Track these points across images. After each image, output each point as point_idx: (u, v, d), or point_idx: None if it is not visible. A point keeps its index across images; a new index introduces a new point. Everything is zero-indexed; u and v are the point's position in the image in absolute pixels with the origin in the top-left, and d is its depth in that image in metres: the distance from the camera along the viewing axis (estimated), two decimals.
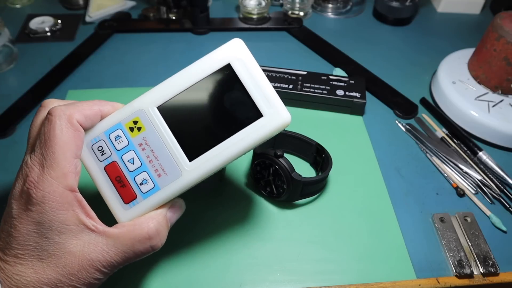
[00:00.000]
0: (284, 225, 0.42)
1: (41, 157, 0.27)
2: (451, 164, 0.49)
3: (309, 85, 0.54)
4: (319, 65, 0.63)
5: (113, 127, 0.30)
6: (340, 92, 0.53)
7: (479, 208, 0.45)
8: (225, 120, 0.30)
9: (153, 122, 0.30)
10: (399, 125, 0.54)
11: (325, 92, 0.53)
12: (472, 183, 0.47)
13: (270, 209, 0.44)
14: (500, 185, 0.46)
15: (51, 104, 0.30)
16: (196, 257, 0.39)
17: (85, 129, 0.30)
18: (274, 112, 0.30)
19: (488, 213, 0.44)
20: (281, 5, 0.75)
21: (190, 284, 0.38)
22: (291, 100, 0.54)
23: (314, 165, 0.48)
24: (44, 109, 0.30)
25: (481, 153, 0.49)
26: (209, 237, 0.41)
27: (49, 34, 0.66)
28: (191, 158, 0.30)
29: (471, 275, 0.39)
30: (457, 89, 0.54)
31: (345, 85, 0.54)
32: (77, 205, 0.27)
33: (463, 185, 0.47)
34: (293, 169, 0.40)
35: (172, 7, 0.68)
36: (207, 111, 0.30)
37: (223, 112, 0.30)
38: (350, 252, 0.40)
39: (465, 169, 0.48)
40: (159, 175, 0.30)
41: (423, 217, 0.44)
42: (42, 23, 0.67)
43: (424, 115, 0.56)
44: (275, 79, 0.55)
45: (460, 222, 0.43)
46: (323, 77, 0.55)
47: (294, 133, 0.47)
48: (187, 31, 0.68)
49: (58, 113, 0.28)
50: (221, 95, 0.30)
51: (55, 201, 0.26)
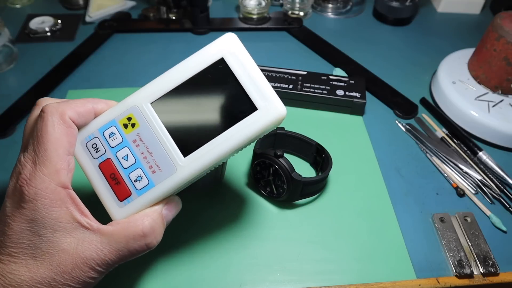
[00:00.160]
0: (284, 225, 0.42)
1: (33, 154, 0.27)
2: (451, 164, 0.49)
3: (309, 85, 0.54)
4: (319, 65, 0.63)
5: (107, 124, 0.30)
6: (340, 92, 0.53)
7: (479, 208, 0.45)
8: (219, 114, 0.30)
9: (147, 118, 0.30)
10: (399, 125, 0.54)
11: (325, 92, 0.53)
12: (472, 183, 0.47)
13: (270, 209, 0.44)
14: (500, 185, 0.46)
15: (45, 102, 0.30)
16: (196, 257, 0.39)
17: (78, 126, 0.29)
18: (269, 105, 0.29)
19: (488, 213, 0.44)
20: (281, 5, 0.75)
21: (190, 284, 0.38)
22: (291, 100, 0.54)
23: (314, 165, 0.48)
24: (38, 108, 0.30)
25: (481, 153, 0.49)
26: (209, 237, 0.41)
27: (49, 34, 0.66)
28: (185, 153, 0.29)
29: (471, 275, 0.39)
30: (457, 89, 0.54)
31: (345, 85, 0.54)
32: (70, 202, 0.27)
33: (463, 185, 0.47)
34: (293, 169, 0.40)
35: (172, 7, 0.68)
36: (201, 106, 0.30)
37: (217, 106, 0.30)
38: (350, 252, 0.40)
39: (465, 169, 0.48)
40: (153, 172, 0.29)
41: (423, 217, 0.44)
42: (42, 23, 0.67)
43: (424, 115, 0.56)
44: (275, 79, 0.55)
45: (460, 222, 0.43)
46: (323, 77, 0.55)
47: (294, 133, 0.47)
48: (187, 31, 0.68)
49: (50, 110, 0.27)
50: (215, 90, 0.30)
51: (47, 198, 0.26)
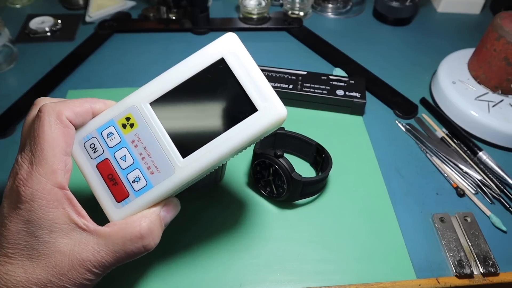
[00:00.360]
0: (284, 225, 0.42)
1: (30, 154, 0.27)
2: (451, 164, 0.49)
3: (309, 85, 0.54)
4: (319, 65, 0.63)
5: (105, 124, 0.30)
6: (340, 92, 0.53)
7: (479, 208, 0.45)
8: (219, 115, 0.29)
9: (145, 118, 0.29)
10: (399, 125, 0.54)
11: (325, 92, 0.53)
12: (472, 183, 0.47)
13: (270, 209, 0.44)
14: (500, 185, 0.46)
15: (43, 102, 0.29)
16: (195, 257, 0.39)
17: (76, 126, 0.29)
18: (269, 106, 0.29)
19: (488, 213, 0.44)
20: (281, 5, 0.75)
21: (190, 284, 0.37)
22: (291, 100, 0.54)
23: (314, 165, 0.48)
24: (35, 107, 0.30)
25: (481, 153, 0.49)
26: (209, 237, 0.41)
27: (49, 34, 0.66)
28: (184, 154, 0.29)
29: (471, 275, 0.39)
30: (457, 89, 0.54)
31: (345, 85, 0.54)
32: (67, 203, 0.27)
33: (463, 185, 0.47)
34: (293, 169, 0.40)
35: (172, 7, 0.68)
36: (201, 106, 0.30)
37: (216, 107, 0.30)
38: (350, 252, 0.40)
39: (465, 169, 0.48)
40: (151, 173, 0.29)
41: (423, 217, 0.44)
42: (42, 23, 0.67)
43: (424, 115, 0.56)
44: (275, 79, 0.55)
45: (460, 222, 0.43)
46: (323, 77, 0.55)
47: (294, 133, 0.47)
48: (187, 31, 0.68)
49: (47, 109, 0.27)
50: (214, 90, 0.30)
51: (43, 198, 0.26)
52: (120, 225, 0.28)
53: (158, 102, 0.30)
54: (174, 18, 0.70)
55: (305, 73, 0.56)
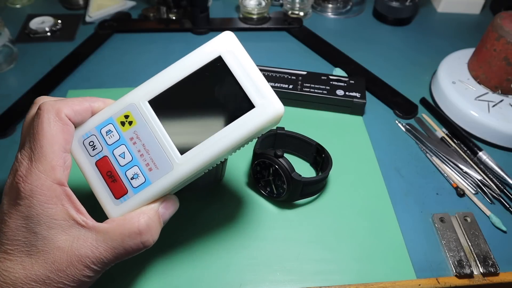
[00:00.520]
0: (284, 225, 0.42)
1: (29, 151, 0.27)
2: (451, 164, 0.49)
3: (309, 85, 0.54)
4: (319, 65, 0.63)
5: (104, 122, 0.30)
6: (340, 92, 0.53)
7: (479, 208, 0.45)
8: (217, 112, 0.30)
9: (144, 116, 0.30)
10: (399, 125, 0.54)
11: (325, 92, 0.53)
12: (472, 183, 0.47)
13: (270, 209, 0.44)
14: (500, 185, 0.46)
15: (42, 100, 0.30)
16: (195, 257, 0.39)
17: (75, 124, 0.29)
18: (266, 103, 0.29)
19: (488, 213, 0.44)
20: (281, 5, 0.75)
21: (190, 284, 0.38)
22: (291, 100, 0.54)
23: (314, 165, 0.48)
24: (35, 106, 0.30)
25: (481, 153, 0.49)
26: (209, 237, 0.41)
27: (49, 34, 0.66)
28: (182, 151, 0.29)
29: (471, 275, 0.39)
30: (457, 89, 0.54)
31: (345, 85, 0.54)
32: (66, 200, 0.27)
33: (463, 185, 0.47)
34: (293, 169, 0.40)
35: (172, 7, 0.68)
36: (199, 104, 0.30)
37: (214, 104, 0.30)
38: (350, 252, 0.40)
39: (465, 169, 0.48)
40: (150, 169, 0.29)
41: (423, 217, 0.44)
42: (42, 23, 0.67)
43: (424, 115, 0.56)
44: (275, 79, 0.55)
45: (460, 222, 0.43)
46: (323, 77, 0.55)
47: (294, 133, 0.47)
48: (187, 31, 0.68)
49: (46, 107, 0.28)
50: (212, 88, 0.30)
51: (43, 194, 0.26)
52: (118, 221, 0.28)
53: (156, 100, 0.30)
54: (174, 18, 0.70)
55: (305, 73, 0.56)
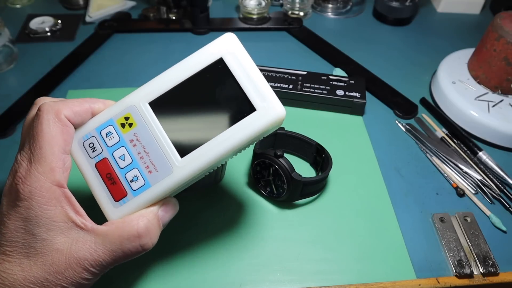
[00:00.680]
0: (284, 225, 0.42)
1: (29, 153, 0.27)
2: (451, 164, 0.49)
3: (309, 85, 0.54)
4: (319, 65, 0.63)
5: (104, 123, 0.30)
6: (340, 92, 0.53)
7: (479, 208, 0.45)
8: (218, 115, 0.29)
9: (144, 118, 0.29)
10: (399, 125, 0.54)
11: (325, 92, 0.53)
12: (472, 183, 0.47)
13: (270, 209, 0.44)
14: (500, 185, 0.46)
15: (43, 101, 0.30)
16: (195, 257, 0.39)
17: (75, 125, 0.29)
18: (267, 106, 0.29)
19: (488, 213, 0.44)
20: (281, 5, 0.75)
21: (190, 284, 0.38)
22: (291, 100, 0.54)
23: (314, 165, 0.48)
24: (35, 107, 0.30)
25: (481, 153, 0.49)
26: (209, 237, 0.41)
27: (49, 34, 0.66)
28: (182, 154, 0.29)
29: (471, 275, 0.39)
30: (457, 89, 0.54)
31: (345, 85, 0.54)
32: (65, 202, 0.27)
33: (463, 185, 0.47)
34: (293, 169, 0.40)
35: (172, 7, 0.68)
36: (199, 106, 0.30)
37: (215, 107, 0.30)
38: (350, 252, 0.40)
39: (465, 169, 0.48)
40: (150, 172, 0.29)
41: (423, 217, 0.44)
42: (42, 23, 0.67)
43: (424, 115, 0.56)
44: (275, 79, 0.55)
45: (460, 222, 0.43)
46: (323, 77, 0.55)
47: (294, 133, 0.47)
48: (187, 31, 0.68)
49: (46, 108, 0.27)
50: (213, 90, 0.30)
51: (42, 196, 0.26)
52: (117, 224, 0.28)
53: (157, 101, 0.30)
54: (174, 18, 0.70)
55: (305, 73, 0.56)
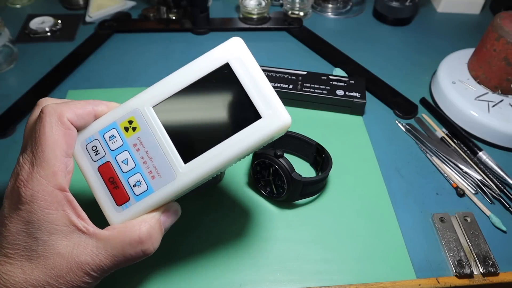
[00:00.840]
0: (284, 225, 0.42)
1: (31, 155, 0.27)
2: (451, 164, 0.49)
3: (309, 85, 0.54)
4: (319, 65, 0.63)
5: (108, 126, 0.30)
6: (340, 92, 0.53)
7: (479, 208, 0.45)
8: (222, 121, 0.29)
9: (148, 122, 0.29)
10: (399, 125, 0.54)
11: (325, 92, 0.53)
12: (472, 183, 0.47)
13: (270, 209, 0.44)
14: (500, 185, 0.46)
15: (45, 102, 0.29)
16: (196, 257, 0.39)
17: (78, 128, 0.29)
18: (273, 113, 0.28)
19: (488, 213, 0.44)
20: (281, 5, 0.75)
21: (190, 284, 0.38)
22: (291, 100, 0.54)
23: (314, 165, 0.48)
24: (38, 108, 0.30)
25: (481, 153, 0.49)
26: (208, 237, 0.41)
27: (49, 34, 0.66)
28: (186, 160, 0.29)
29: (471, 275, 0.39)
30: (457, 89, 0.54)
31: (345, 85, 0.54)
32: (67, 205, 0.26)
33: (463, 185, 0.47)
34: (293, 169, 0.40)
35: (172, 7, 0.68)
36: (204, 112, 0.29)
37: (220, 113, 0.29)
38: (350, 252, 0.40)
39: (465, 169, 0.48)
40: (153, 177, 0.29)
41: (423, 217, 0.44)
42: (42, 23, 0.67)
43: (424, 115, 0.56)
44: (275, 79, 0.55)
45: (460, 222, 0.43)
46: (323, 77, 0.55)
47: (294, 133, 0.47)
48: (187, 31, 0.68)
49: (48, 111, 0.27)
50: (218, 95, 0.29)
51: (43, 200, 0.26)
52: (119, 229, 0.28)
53: (161, 105, 0.29)
54: (174, 18, 0.70)
55: (305, 73, 0.56)
